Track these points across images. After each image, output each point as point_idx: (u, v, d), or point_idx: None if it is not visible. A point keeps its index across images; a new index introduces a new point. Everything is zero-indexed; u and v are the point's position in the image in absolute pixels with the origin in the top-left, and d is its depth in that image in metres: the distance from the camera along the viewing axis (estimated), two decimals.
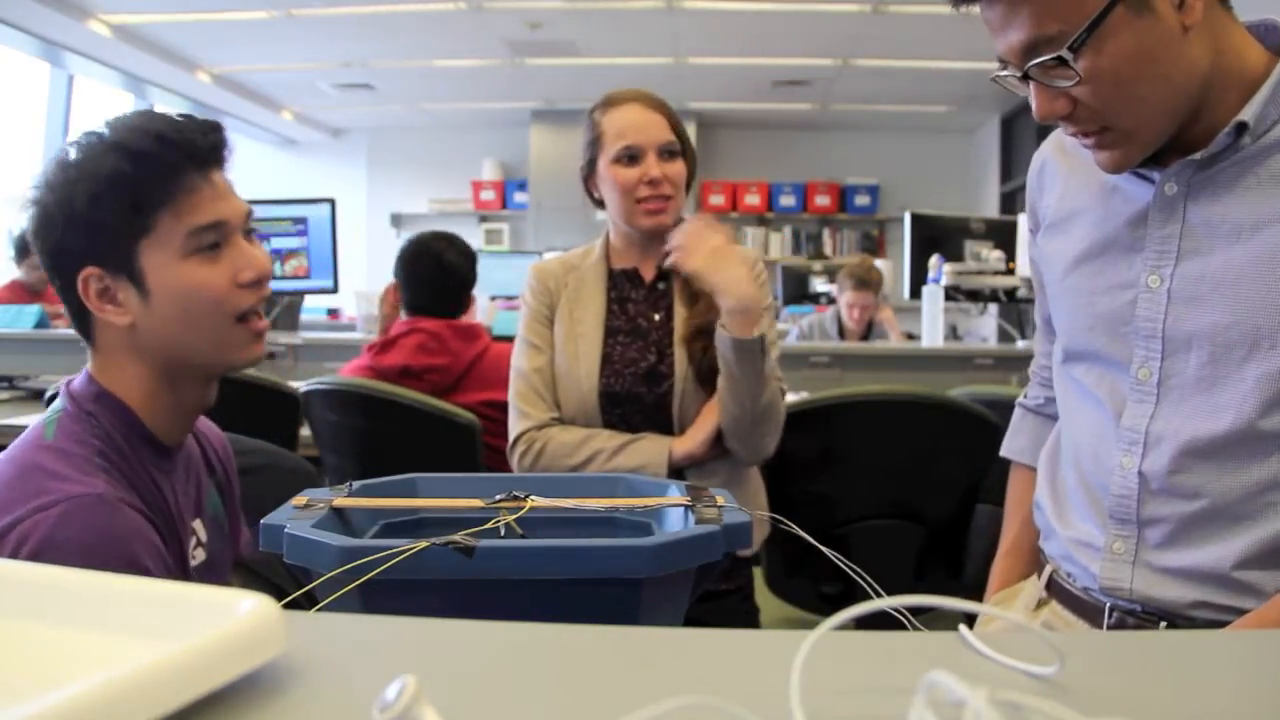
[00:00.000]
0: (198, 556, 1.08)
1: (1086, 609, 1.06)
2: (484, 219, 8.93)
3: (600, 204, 1.73)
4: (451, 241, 2.44)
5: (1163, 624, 1.00)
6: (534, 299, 1.72)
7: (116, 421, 1.00)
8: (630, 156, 1.63)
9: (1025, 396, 1.31)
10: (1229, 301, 0.92)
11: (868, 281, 4.46)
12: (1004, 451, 1.32)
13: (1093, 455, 1.04)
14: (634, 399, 1.65)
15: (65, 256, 0.99)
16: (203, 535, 1.09)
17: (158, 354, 1.01)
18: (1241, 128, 0.91)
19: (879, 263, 5.03)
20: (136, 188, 0.96)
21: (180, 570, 1.02)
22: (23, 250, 4.14)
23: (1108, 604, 1.03)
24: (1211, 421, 0.94)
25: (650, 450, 1.59)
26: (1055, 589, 1.11)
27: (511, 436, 1.66)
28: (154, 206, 0.97)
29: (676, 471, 1.60)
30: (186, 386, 1.04)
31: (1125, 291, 0.99)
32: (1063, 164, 1.11)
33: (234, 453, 1.23)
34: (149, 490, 1.00)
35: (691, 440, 1.61)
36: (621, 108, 1.66)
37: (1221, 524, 0.95)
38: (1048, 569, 1.14)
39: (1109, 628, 1.03)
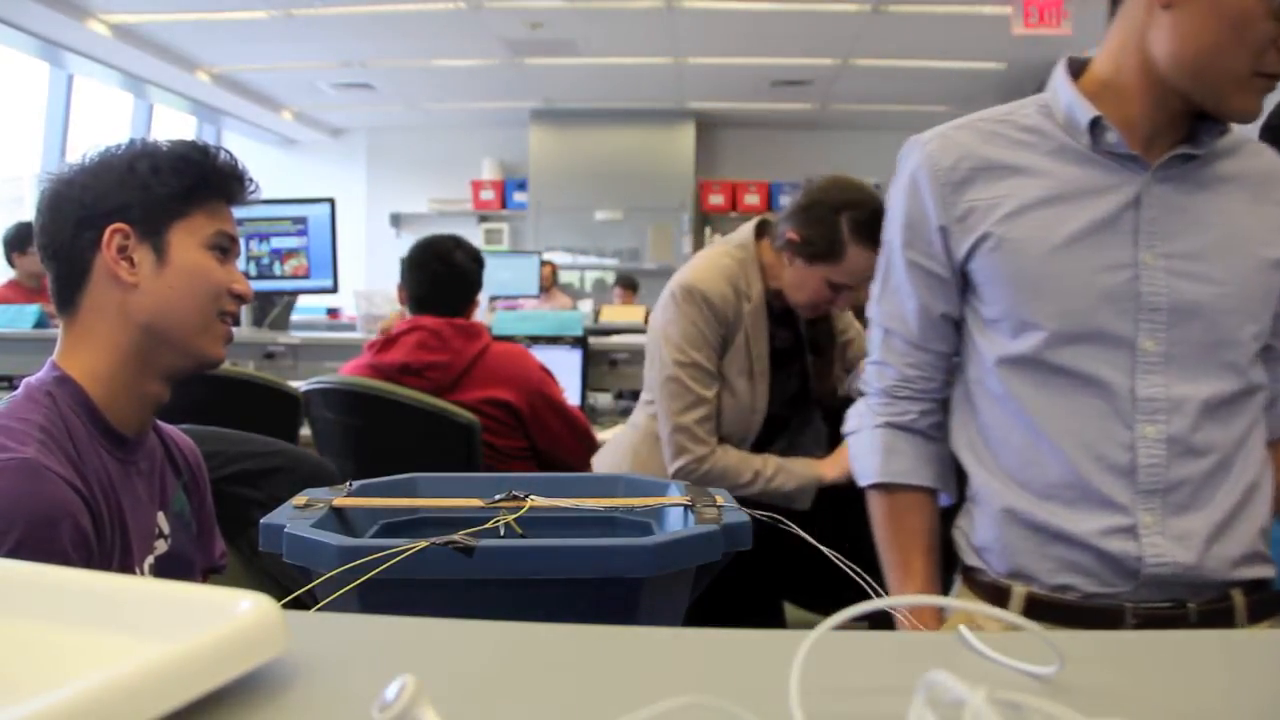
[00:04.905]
0: (159, 547, 1.13)
1: (1089, 619, 1.02)
2: (483, 219, 8.92)
3: (786, 249, 1.84)
4: (459, 244, 2.42)
5: (1191, 605, 1.04)
6: (707, 327, 1.81)
7: (73, 403, 1.04)
8: (840, 287, 1.79)
9: (881, 415, 1.20)
10: (1220, 274, 1.06)
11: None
12: (881, 476, 1.19)
13: (1102, 437, 1.05)
14: (778, 420, 1.84)
15: (102, 206, 1.07)
16: (165, 528, 1.14)
17: (142, 322, 1.07)
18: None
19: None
20: (196, 176, 1.10)
21: (120, 559, 1.03)
22: (17, 244, 4.14)
23: (1127, 606, 1.04)
24: (1222, 381, 1.06)
25: (803, 474, 1.80)
26: (1040, 611, 1.06)
27: (685, 459, 1.81)
28: (199, 199, 1.11)
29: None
30: (148, 374, 1.09)
31: (1124, 270, 1.06)
32: (1008, 156, 1.10)
33: (255, 454, 1.25)
34: (97, 473, 1.02)
35: (841, 466, 1.73)
36: (869, 254, 1.59)
37: (1222, 476, 1.06)
38: (1020, 593, 1.09)
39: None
